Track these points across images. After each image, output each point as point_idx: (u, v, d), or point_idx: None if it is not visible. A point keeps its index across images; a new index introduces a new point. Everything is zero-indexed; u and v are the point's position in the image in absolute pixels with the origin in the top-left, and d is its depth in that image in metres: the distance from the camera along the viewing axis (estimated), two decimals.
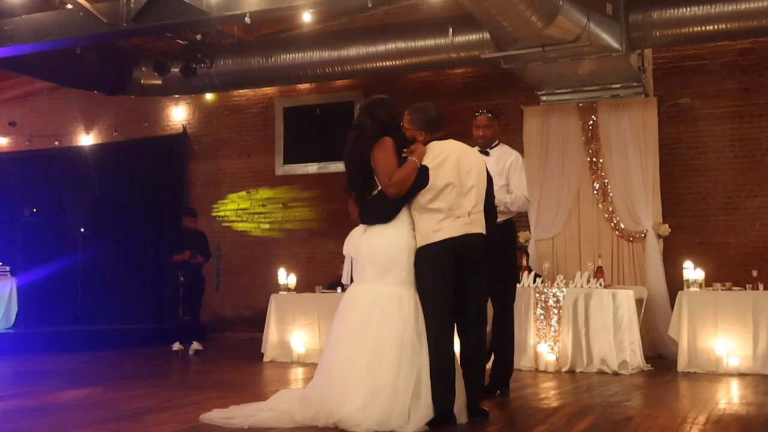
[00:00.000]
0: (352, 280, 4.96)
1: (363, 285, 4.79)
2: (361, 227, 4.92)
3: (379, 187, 4.80)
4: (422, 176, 4.77)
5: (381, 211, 4.81)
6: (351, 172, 4.89)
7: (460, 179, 4.84)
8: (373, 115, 4.86)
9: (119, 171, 14.29)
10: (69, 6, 9.52)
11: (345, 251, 5.01)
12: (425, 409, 4.53)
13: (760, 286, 8.09)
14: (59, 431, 4.63)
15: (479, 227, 4.89)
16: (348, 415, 4.44)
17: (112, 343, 11.18)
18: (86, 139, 14.78)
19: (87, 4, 9.41)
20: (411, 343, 4.61)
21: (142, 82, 12.32)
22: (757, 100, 10.55)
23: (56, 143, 14.82)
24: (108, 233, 13.94)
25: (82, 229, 13.68)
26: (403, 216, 4.83)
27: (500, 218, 6.13)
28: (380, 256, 4.75)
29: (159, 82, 12.24)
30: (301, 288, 9.96)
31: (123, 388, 6.62)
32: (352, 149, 4.88)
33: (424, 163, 4.80)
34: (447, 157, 4.87)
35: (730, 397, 6.34)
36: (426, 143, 4.96)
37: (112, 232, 13.97)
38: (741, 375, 7.58)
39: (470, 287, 4.85)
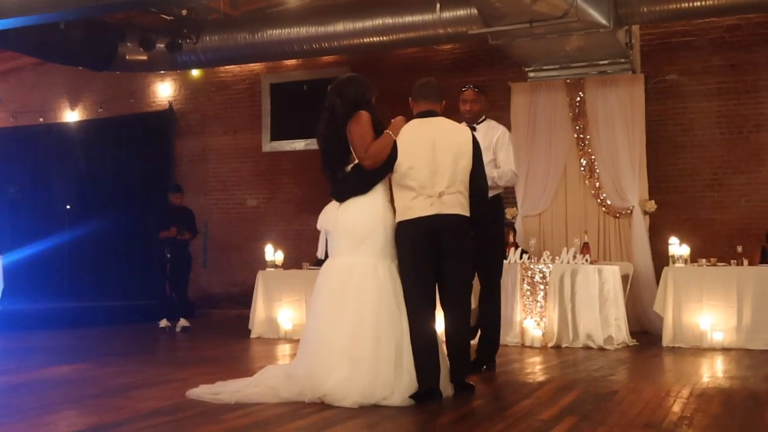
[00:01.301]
0: (326, 255, 4.98)
1: (339, 258, 4.82)
2: (336, 202, 4.94)
3: (352, 163, 4.81)
4: (395, 150, 4.80)
5: (355, 185, 4.82)
6: (326, 152, 4.92)
7: (434, 159, 4.84)
8: (342, 95, 4.88)
9: (105, 148, 14.20)
10: None
11: (319, 225, 5.04)
12: (408, 378, 4.57)
13: (745, 262, 8.14)
14: (46, 407, 4.63)
15: (454, 208, 4.86)
16: (333, 388, 4.47)
17: (98, 320, 11.17)
18: (71, 115, 14.69)
19: None
20: (389, 312, 4.64)
21: (127, 57, 12.21)
22: (744, 77, 10.57)
23: (41, 119, 14.71)
24: (94, 210, 13.88)
25: (68, 206, 13.64)
26: (378, 188, 4.84)
27: (491, 192, 6.15)
28: (355, 227, 4.77)
29: (144, 57, 12.14)
30: (288, 265, 9.96)
31: (109, 365, 6.63)
32: (325, 130, 4.90)
33: (397, 139, 4.82)
34: (421, 136, 4.88)
35: (714, 371, 6.40)
36: (415, 110, 4.99)
37: (98, 209, 13.92)
38: (725, 350, 7.64)
39: (448, 266, 4.85)
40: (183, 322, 10.40)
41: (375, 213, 4.80)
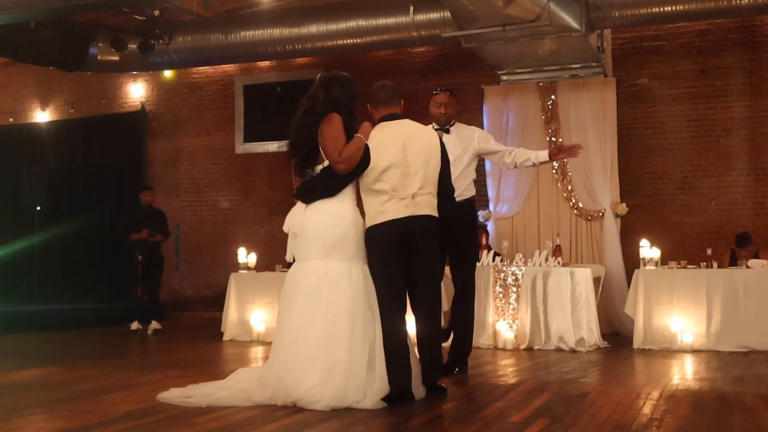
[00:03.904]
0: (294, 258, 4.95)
1: (310, 262, 4.78)
2: (302, 204, 4.90)
3: (320, 164, 4.79)
4: (367, 154, 4.78)
5: (324, 188, 4.79)
6: (295, 142, 4.89)
7: (405, 160, 4.83)
8: (327, 91, 4.86)
9: (76, 149, 14.06)
10: None
11: (286, 228, 4.99)
12: (380, 382, 4.56)
13: (714, 265, 8.23)
14: (14, 411, 4.58)
15: (426, 209, 4.88)
16: (306, 393, 4.45)
17: (69, 323, 11.05)
18: (42, 115, 14.54)
19: None
20: (362, 316, 4.63)
21: (99, 58, 12.09)
22: (713, 81, 10.69)
23: (11, 120, 14.55)
24: (65, 212, 13.75)
25: (38, 208, 13.49)
26: (347, 191, 4.83)
27: (466, 195, 6.20)
28: (327, 232, 4.74)
29: (116, 58, 12.03)
30: (261, 267, 9.92)
31: (80, 368, 6.56)
32: (300, 120, 4.88)
33: (367, 143, 4.81)
34: (392, 138, 4.87)
35: (684, 373, 6.46)
36: (375, 117, 4.99)
37: (68, 210, 13.78)
38: (695, 351, 7.72)
39: (419, 268, 4.86)
40: (154, 324, 10.34)
41: (346, 217, 4.78)
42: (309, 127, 4.80)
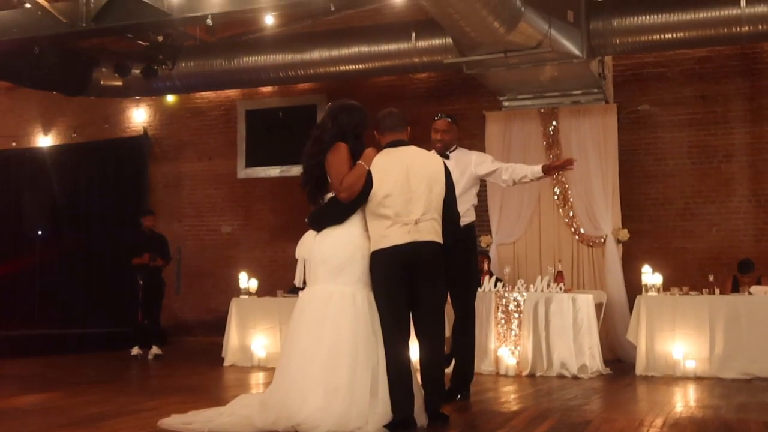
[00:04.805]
0: (304, 283, 4.96)
1: (317, 286, 4.79)
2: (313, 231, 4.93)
3: (330, 193, 4.82)
4: (370, 180, 4.80)
5: (332, 215, 4.81)
6: (306, 170, 4.93)
7: (408, 186, 4.84)
8: (335, 119, 4.88)
9: (78, 173, 14.10)
10: (27, 5, 9.39)
11: (297, 254, 5.01)
12: (383, 407, 4.53)
13: (717, 291, 8.21)
14: None
15: (429, 235, 4.86)
16: (308, 417, 4.42)
17: (69, 348, 11.01)
18: (44, 140, 14.58)
19: (46, 4, 9.30)
20: (366, 341, 4.61)
21: (102, 83, 12.17)
22: (714, 108, 10.73)
23: (13, 144, 14.59)
24: (66, 236, 13.75)
25: (40, 232, 13.49)
26: (355, 217, 4.84)
27: (466, 220, 6.19)
28: (333, 257, 4.75)
29: (119, 83, 12.11)
30: (262, 292, 9.92)
31: (80, 393, 6.53)
32: (309, 149, 4.91)
33: (370, 169, 4.82)
34: (396, 165, 4.88)
35: (687, 400, 6.43)
36: (382, 143, 5.01)
37: (70, 234, 13.79)
38: (697, 378, 7.69)
39: (423, 294, 4.84)
40: (155, 349, 10.31)
41: (352, 242, 4.79)
42: (317, 156, 4.82)
